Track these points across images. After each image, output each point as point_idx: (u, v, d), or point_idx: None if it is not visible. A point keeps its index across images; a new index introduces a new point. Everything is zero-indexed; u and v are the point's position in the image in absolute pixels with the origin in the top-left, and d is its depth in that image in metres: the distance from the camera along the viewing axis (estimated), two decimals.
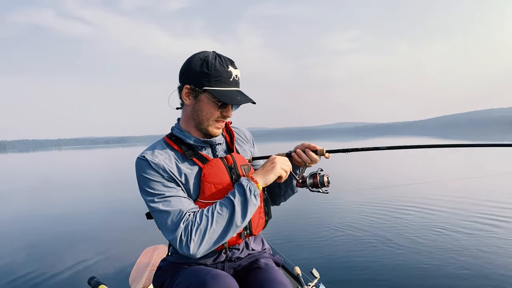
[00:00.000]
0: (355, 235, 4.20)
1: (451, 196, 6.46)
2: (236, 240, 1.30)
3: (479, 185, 7.33)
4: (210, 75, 1.19)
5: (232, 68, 1.22)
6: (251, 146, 1.51)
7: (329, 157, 1.34)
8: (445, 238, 4.00)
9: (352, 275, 3.05)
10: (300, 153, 1.34)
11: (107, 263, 3.52)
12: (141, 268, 2.08)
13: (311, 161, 1.34)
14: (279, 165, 1.25)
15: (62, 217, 5.97)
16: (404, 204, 6.04)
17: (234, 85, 1.23)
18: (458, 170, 10.68)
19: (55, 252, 3.96)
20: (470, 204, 5.68)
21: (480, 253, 3.43)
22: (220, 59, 1.21)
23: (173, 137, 1.31)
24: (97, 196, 8.80)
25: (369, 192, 7.59)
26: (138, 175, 1.21)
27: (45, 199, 8.25)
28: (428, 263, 3.24)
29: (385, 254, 3.50)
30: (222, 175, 1.26)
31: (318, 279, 1.71)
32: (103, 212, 6.38)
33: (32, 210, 6.73)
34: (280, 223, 4.80)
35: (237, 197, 1.16)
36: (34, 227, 5.24)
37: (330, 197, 7.09)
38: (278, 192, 1.48)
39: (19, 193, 9.27)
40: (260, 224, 1.34)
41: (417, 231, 4.32)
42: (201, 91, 1.21)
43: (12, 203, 7.72)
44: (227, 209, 1.15)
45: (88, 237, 4.59)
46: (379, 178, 9.63)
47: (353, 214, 5.41)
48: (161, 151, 1.25)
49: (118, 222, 5.53)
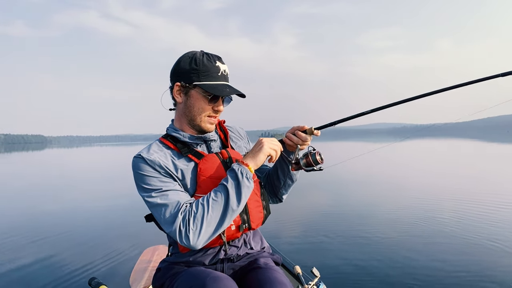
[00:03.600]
0: (356, 235, 4.21)
1: (454, 194, 6.48)
2: (235, 234, 1.30)
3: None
4: (199, 70, 1.23)
5: (220, 63, 1.27)
6: (245, 142, 1.53)
7: (318, 134, 1.35)
8: (448, 238, 4.01)
9: (353, 274, 3.05)
10: (289, 135, 1.36)
11: (108, 263, 3.52)
12: (141, 269, 2.08)
13: (302, 142, 1.34)
14: (266, 145, 1.26)
15: (63, 216, 5.96)
16: (404, 204, 6.05)
17: (223, 79, 1.27)
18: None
19: (56, 252, 3.95)
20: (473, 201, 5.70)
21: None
22: (208, 56, 1.25)
23: (168, 137, 1.33)
24: (104, 193, 8.83)
25: (369, 192, 7.61)
26: (135, 173, 1.23)
27: (52, 197, 8.24)
28: (428, 263, 3.25)
29: (385, 253, 3.50)
30: (218, 169, 1.28)
31: (318, 278, 1.71)
32: (104, 211, 6.38)
33: (33, 209, 6.73)
34: (280, 222, 4.80)
35: (230, 181, 1.17)
36: (34, 226, 5.24)
37: (330, 197, 7.11)
38: (278, 184, 1.48)
39: (24, 192, 9.26)
40: (258, 218, 1.35)
41: (419, 230, 4.32)
42: (191, 87, 1.25)
43: (13, 202, 7.72)
44: (222, 194, 1.16)
45: (88, 236, 4.58)
46: (380, 178, 9.64)
47: (353, 214, 5.41)
48: (156, 150, 1.28)
49: (118, 222, 5.53)
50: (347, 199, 6.72)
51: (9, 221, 5.91)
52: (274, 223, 4.73)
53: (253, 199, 1.33)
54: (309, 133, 1.34)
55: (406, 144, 28.75)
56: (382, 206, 5.82)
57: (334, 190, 7.77)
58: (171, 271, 1.32)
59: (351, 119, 1.39)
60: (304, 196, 6.73)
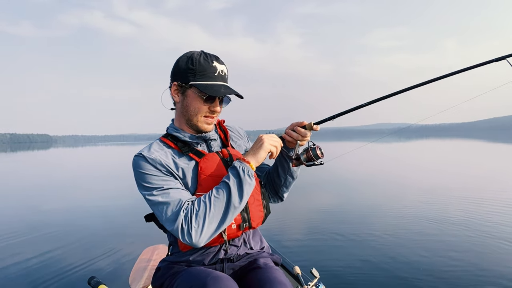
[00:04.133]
0: (355, 235, 4.20)
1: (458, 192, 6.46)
2: (236, 232, 1.30)
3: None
4: (195, 70, 1.23)
5: (217, 63, 1.26)
6: (245, 141, 1.54)
7: (318, 129, 1.35)
8: (450, 238, 4.00)
9: (352, 274, 3.05)
10: (289, 132, 1.36)
11: (107, 263, 3.53)
12: (141, 268, 2.08)
13: (302, 137, 1.34)
14: (267, 142, 1.26)
15: (63, 216, 5.96)
16: (404, 204, 6.04)
17: (220, 79, 1.27)
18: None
19: (55, 251, 3.96)
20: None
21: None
22: (205, 56, 1.26)
23: (169, 136, 1.34)
24: (105, 192, 8.82)
25: (369, 192, 7.60)
26: (136, 172, 1.23)
27: (53, 196, 8.24)
28: (428, 263, 3.24)
29: (385, 254, 3.50)
30: (219, 168, 1.28)
31: (318, 278, 1.71)
32: (104, 210, 6.38)
33: (33, 208, 6.73)
34: (280, 222, 4.80)
35: (232, 179, 1.18)
36: (34, 226, 5.24)
37: (330, 196, 7.10)
38: (279, 182, 1.49)
39: (26, 191, 9.27)
40: (259, 217, 1.35)
41: (419, 230, 4.32)
42: (187, 87, 1.26)
43: (15, 200, 7.73)
44: (223, 192, 1.16)
45: (88, 236, 4.58)
46: (379, 179, 9.63)
47: (353, 214, 5.41)
48: (157, 148, 1.28)
49: (118, 221, 5.53)
50: (347, 199, 6.71)
51: (9, 220, 5.91)
52: (273, 223, 4.73)
53: (254, 197, 1.33)
54: (309, 128, 1.34)
55: (410, 144, 28.78)
56: (382, 206, 5.81)
57: (334, 190, 7.75)
58: (171, 271, 1.32)
59: (349, 112, 1.39)
60: (304, 196, 6.73)
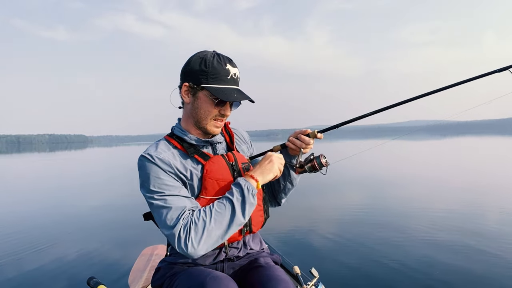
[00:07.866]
0: (355, 235, 4.21)
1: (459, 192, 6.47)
2: (237, 237, 1.30)
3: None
4: (208, 72, 1.20)
5: (230, 66, 1.23)
6: (249, 147, 1.53)
7: (321, 137, 1.36)
8: (451, 238, 4.01)
9: (352, 274, 3.06)
10: (293, 140, 1.37)
11: (106, 263, 3.52)
12: (140, 268, 2.08)
13: (306, 145, 1.35)
14: (276, 165, 1.27)
15: (63, 215, 5.95)
16: (404, 203, 6.05)
17: (232, 83, 1.24)
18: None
19: (54, 251, 3.95)
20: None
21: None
22: (219, 58, 1.23)
23: (174, 136, 1.32)
24: (105, 191, 8.82)
25: (369, 191, 7.61)
26: (142, 172, 1.21)
27: (55, 197, 8.22)
28: (428, 263, 3.25)
29: (384, 253, 3.50)
30: (224, 171, 1.28)
31: (317, 278, 1.71)
32: (104, 210, 6.37)
33: (34, 208, 6.72)
34: (279, 223, 4.80)
35: (236, 196, 1.17)
36: (35, 226, 5.23)
37: (330, 196, 7.11)
38: (278, 188, 1.49)
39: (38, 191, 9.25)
40: (259, 222, 1.36)
41: (419, 231, 4.32)
42: (199, 89, 1.23)
43: (17, 201, 7.71)
44: (225, 208, 1.15)
45: (87, 235, 4.58)
46: (379, 178, 9.64)
47: (352, 214, 5.41)
48: (164, 149, 1.26)
49: (117, 220, 5.52)
50: (347, 199, 6.72)
51: (9, 220, 5.89)
52: (273, 223, 4.71)
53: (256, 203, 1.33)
54: (312, 137, 1.35)
55: (445, 141, 28.44)
56: (382, 206, 5.82)
57: (333, 190, 7.76)
58: (171, 271, 1.32)
59: (354, 121, 1.41)
60: (303, 196, 6.73)
